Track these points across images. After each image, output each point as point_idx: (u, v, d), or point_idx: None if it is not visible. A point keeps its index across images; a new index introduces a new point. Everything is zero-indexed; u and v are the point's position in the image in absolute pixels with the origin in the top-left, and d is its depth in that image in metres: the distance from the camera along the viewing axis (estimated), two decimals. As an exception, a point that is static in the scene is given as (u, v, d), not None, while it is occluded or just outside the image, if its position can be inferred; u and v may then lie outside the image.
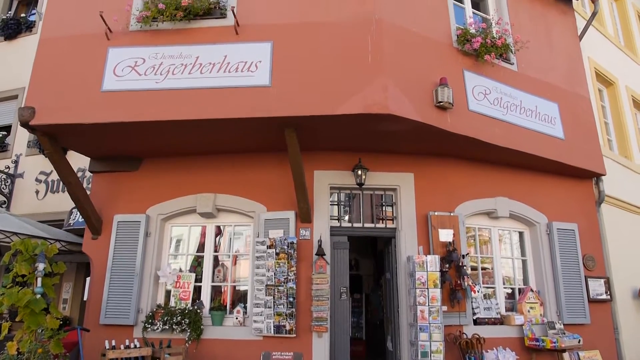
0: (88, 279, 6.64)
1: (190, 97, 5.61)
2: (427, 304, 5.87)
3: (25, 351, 5.12)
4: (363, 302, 10.42)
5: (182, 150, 6.67)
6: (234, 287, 6.66)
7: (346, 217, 6.79)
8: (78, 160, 7.83)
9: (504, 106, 6.70)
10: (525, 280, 7.21)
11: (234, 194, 6.61)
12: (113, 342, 5.77)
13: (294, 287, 5.99)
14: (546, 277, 6.98)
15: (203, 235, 6.87)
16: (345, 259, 6.47)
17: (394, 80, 5.57)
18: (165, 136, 6.14)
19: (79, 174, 8.31)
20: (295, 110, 5.46)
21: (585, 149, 7.50)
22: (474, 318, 6.46)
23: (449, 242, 6.41)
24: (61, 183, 8.69)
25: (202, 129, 5.86)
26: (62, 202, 8.64)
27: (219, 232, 6.93)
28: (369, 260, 10.73)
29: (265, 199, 6.53)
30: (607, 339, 7.07)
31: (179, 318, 6.05)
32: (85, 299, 6.62)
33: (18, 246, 5.40)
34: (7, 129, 10.06)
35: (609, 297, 7.27)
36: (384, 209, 6.80)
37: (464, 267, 6.34)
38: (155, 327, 6.10)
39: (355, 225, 6.73)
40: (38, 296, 5.24)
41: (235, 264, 6.80)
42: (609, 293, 7.28)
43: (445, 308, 6.06)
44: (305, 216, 6.30)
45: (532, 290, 6.88)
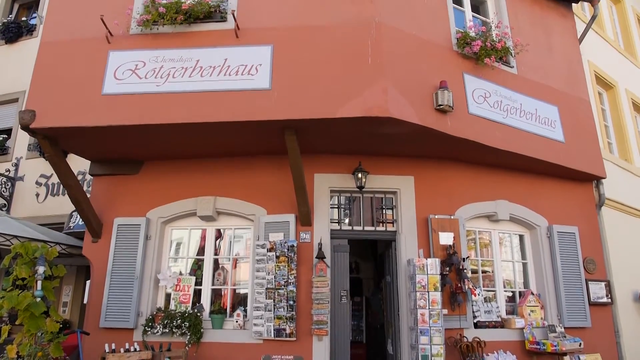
0: (88, 282, 6.64)
1: (190, 100, 5.62)
2: (427, 307, 5.86)
3: (25, 354, 5.12)
4: (363, 305, 10.39)
5: (182, 154, 6.68)
6: (234, 290, 6.65)
7: (346, 220, 6.79)
8: (78, 163, 7.83)
9: (504, 109, 6.71)
10: (526, 284, 7.20)
11: (234, 197, 6.62)
12: (113, 346, 5.78)
13: (294, 290, 5.99)
14: (547, 280, 6.98)
15: (203, 238, 6.87)
16: (345, 262, 6.47)
17: (394, 84, 5.58)
18: (166, 139, 6.15)
19: (79, 177, 8.31)
20: (296, 113, 5.47)
21: (586, 152, 7.51)
22: (475, 321, 6.45)
23: (450, 245, 6.41)
24: (61, 186, 8.70)
25: (202, 132, 5.87)
26: (62, 205, 8.66)
27: (219, 235, 6.93)
28: (369, 263, 10.72)
29: (266, 202, 6.54)
30: (608, 342, 7.05)
31: (179, 321, 6.05)
32: (85, 302, 6.61)
33: (18, 249, 5.40)
34: (8, 132, 10.09)
35: (609, 300, 7.26)
36: (384, 212, 6.80)
37: (465, 270, 6.33)
38: (155, 331, 6.10)
39: (355, 228, 6.73)
40: (38, 299, 5.24)
41: (235, 267, 6.79)
42: (609, 296, 7.27)
43: (445, 311, 6.05)
44: (305, 219, 6.30)
45: (532, 293, 6.87)
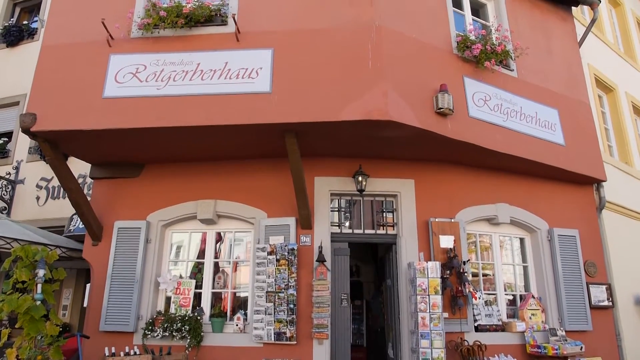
0: (88, 286, 6.63)
1: (191, 104, 5.63)
2: (428, 311, 5.85)
3: (24, 358, 5.10)
4: (364, 308, 10.39)
5: (183, 157, 6.68)
6: (234, 293, 6.64)
7: (347, 224, 6.79)
8: (79, 167, 7.82)
9: (504, 112, 6.72)
10: (527, 287, 7.19)
11: (235, 200, 6.61)
12: (113, 349, 5.77)
13: (295, 293, 5.98)
14: (547, 284, 6.96)
15: (203, 241, 6.86)
16: (345, 265, 6.46)
17: (394, 87, 5.59)
18: (166, 142, 6.15)
19: (80, 180, 8.31)
20: (296, 116, 5.48)
21: (586, 155, 7.50)
22: (476, 325, 6.43)
23: (450, 249, 6.40)
24: (62, 189, 8.71)
25: (203, 136, 5.87)
26: (62, 209, 8.66)
27: (219, 238, 6.92)
28: (370, 267, 10.71)
29: (266, 205, 6.54)
30: (610, 346, 7.03)
31: (179, 325, 6.04)
32: (85, 305, 6.60)
33: (18, 252, 5.39)
34: (9, 135, 10.09)
35: (610, 303, 7.24)
36: (384, 215, 6.79)
37: (465, 274, 6.32)
38: (155, 334, 6.08)
39: (355, 231, 6.72)
40: (38, 303, 5.23)
41: (235, 270, 6.78)
42: (610, 299, 7.25)
43: (446, 315, 6.04)
44: (305, 222, 6.30)
45: (533, 296, 6.85)
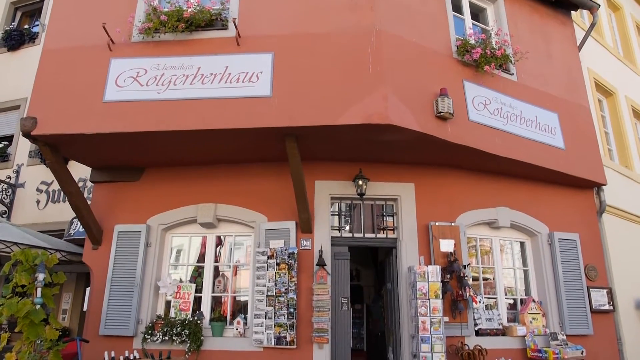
0: (88, 289, 6.62)
1: (191, 108, 5.64)
2: (428, 315, 5.84)
3: (23, 362, 5.09)
4: (364, 312, 10.37)
5: (183, 161, 6.68)
6: (234, 297, 6.63)
7: (347, 227, 6.78)
8: (79, 170, 7.84)
9: (504, 116, 6.72)
10: (527, 291, 7.17)
11: (235, 204, 6.61)
12: (112, 353, 5.76)
13: (295, 297, 5.97)
14: (548, 288, 6.95)
15: (203, 245, 6.86)
16: (346, 269, 6.45)
17: (394, 91, 5.60)
18: (167, 146, 6.16)
19: (80, 184, 8.31)
20: (296, 120, 5.49)
21: (586, 159, 7.51)
22: (476, 329, 6.42)
23: (450, 253, 6.39)
24: (62, 193, 8.71)
25: (203, 139, 5.88)
26: (62, 212, 8.66)
27: (219, 242, 6.92)
28: (370, 271, 10.70)
29: (266, 209, 6.53)
30: (611, 351, 7.01)
31: (178, 329, 6.02)
32: (85, 309, 6.59)
33: (18, 256, 5.38)
34: (9, 139, 10.11)
35: (611, 307, 7.23)
36: (384, 219, 6.79)
37: (466, 278, 6.31)
38: (155, 338, 6.07)
39: (356, 235, 6.71)
40: (37, 307, 5.21)
41: (235, 274, 6.77)
42: (611, 304, 7.24)
43: (446, 319, 6.02)
44: (306, 226, 6.29)
45: (534, 300, 6.84)
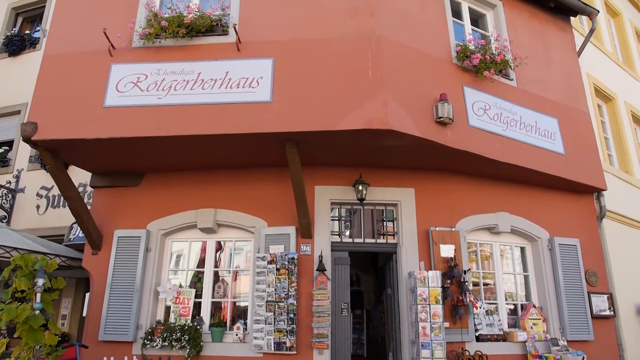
0: (87, 295, 6.60)
1: (192, 113, 5.65)
2: (428, 320, 5.82)
3: (23, 368, 5.06)
4: (364, 318, 10.34)
5: (183, 166, 6.69)
6: (234, 303, 6.61)
7: (347, 233, 6.78)
8: (79, 175, 7.84)
9: (504, 121, 6.73)
10: (528, 296, 7.15)
11: (235, 209, 6.61)
12: (112, 359, 5.72)
13: (295, 303, 5.95)
14: (549, 293, 6.93)
15: (203, 250, 6.84)
16: (346, 274, 6.44)
17: (394, 96, 5.61)
18: (167, 151, 6.16)
19: (80, 189, 8.32)
20: (296, 125, 5.49)
21: (586, 164, 7.51)
22: (477, 334, 6.40)
23: (451, 258, 6.38)
24: (62, 198, 8.71)
25: (203, 145, 5.88)
26: (62, 217, 8.65)
27: (219, 247, 6.91)
28: (370, 276, 10.67)
29: (266, 214, 6.53)
30: (611, 356, 6.98)
31: (178, 334, 6.00)
32: (84, 314, 6.57)
33: (18, 261, 5.37)
34: (10, 144, 10.12)
35: (612, 313, 7.20)
36: (384, 224, 6.78)
37: (466, 283, 6.29)
38: (155, 344, 6.04)
39: (356, 240, 6.71)
40: (37, 312, 5.20)
41: (235, 279, 6.76)
42: (612, 309, 7.22)
43: (447, 324, 6.01)
44: (306, 231, 6.29)
45: (534, 306, 6.82)
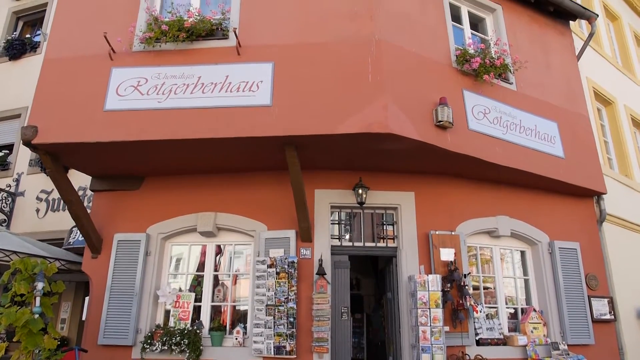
0: (87, 299, 6.59)
1: (192, 117, 5.66)
2: (429, 324, 5.81)
3: (21, 372, 5.06)
4: (364, 322, 10.31)
5: (183, 170, 6.69)
6: (233, 307, 6.60)
7: (347, 236, 6.77)
8: (79, 179, 7.84)
9: (504, 125, 6.74)
10: (528, 300, 7.14)
11: (235, 212, 6.60)
12: (111, 363, 5.72)
13: (295, 307, 5.94)
14: (549, 297, 6.92)
15: (203, 254, 6.84)
16: (346, 278, 6.43)
17: (394, 100, 5.62)
18: (167, 155, 6.17)
19: (80, 193, 8.31)
20: (296, 129, 5.50)
21: (586, 168, 7.52)
22: (477, 338, 6.39)
23: (451, 262, 6.38)
24: (62, 202, 8.70)
25: (203, 148, 5.89)
26: (62, 221, 8.64)
27: (219, 251, 6.90)
28: (370, 280, 10.65)
29: (266, 218, 6.52)
30: (612, 360, 6.98)
31: (178, 338, 5.98)
32: (83, 318, 6.55)
33: (17, 265, 5.37)
34: (10, 147, 10.13)
35: (612, 317, 7.19)
36: (384, 228, 6.78)
37: (466, 287, 6.28)
38: (154, 348, 6.03)
39: (356, 244, 6.70)
40: (36, 316, 5.19)
41: (235, 283, 6.75)
42: (612, 313, 7.20)
43: (447, 328, 6.00)
44: (305, 235, 6.28)
45: (535, 310, 6.80)
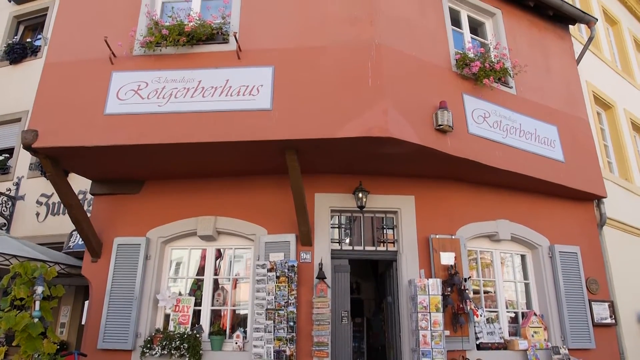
0: (86, 303, 6.58)
1: (192, 121, 5.66)
2: (429, 329, 5.80)
3: (21, 377, 5.04)
4: (364, 326, 10.28)
5: (183, 173, 6.69)
6: (233, 311, 6.58)
7: (347, 240, 6.76)
8: (79, 183, 7.84)
9: (504, 129, 6.75)
10: (529, 304, 7.12)
11: (235, 216, 6.60)
12: (110, 368, 5.70)
13: (295, 311, 5.92)
14: (549, 301, 6.91)
15: (203, 258, 6.83)
16: (346, 282, 6.42)
17: (394, 104, 5.63)
18: (167, 159, 6.17)
19: (80, 197, 8.31)
20: (296, 133, 5.51)
21: (586, 171, 7.52)
22: (477, 343, 6.37)
23: (451, 265, 6.37)
24: (62, 205, 8.71)
25: (203, 152, 5.89)
26: (62, 225, 8.64)
27: (219, 255, 6.89)
28: (370, 284, 10.63)
29: (266, 222, 6.52)
30: (613, 365, 6.96)
31: (177, 343, 5.97)
32: (83, 322, 6.54)
33: (17, 269, 5.37)
34: (10, 151, 10.14)
35: (613, 321, 7.17)
36: (384, 232, 6.77)
37: (466, 291, 6.27)
38: (154, 352, 6.01)
39: (356, 248, 6.70)
40: (36, 320, 5.18)
41: (235, 287, 6.73)
42: (613, 317, 7.19)
43: (447, 332, 5.98)
44: (306, 239, 6.28)
45: (535, 314, 6.79)
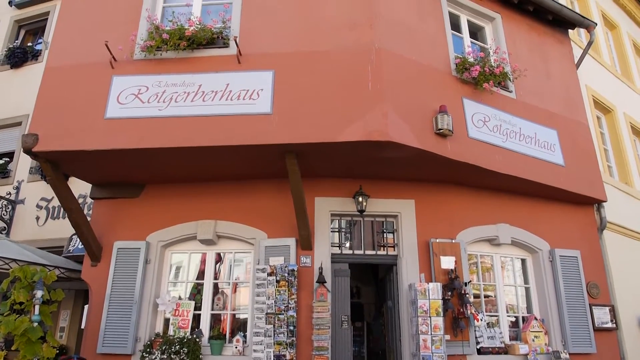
0: (86, 307, 6.57)
1: (192, 125, 5.67)
2: (429, 333, 5.78)
3: (20, 381, 5.03)
4: (365, 330, 10.25)
5: (183, 177, 6.69)
6: (233, 315, 6.57)
7: (347, 244, 6.76)
8: (79, 187, 7.85)
9: (504, 133, 6.76)
10: (529, 309, 7.10)
11: (235, 220, 6.60)
12: (110, 372, 5.69)
13: (295, 315, 5.91)
14: (550, 305, 6.89)
15: (203, 262, 6.82)
16: (346, 286, 6.41)
17: (394, 108, 5.64)
18: (167, 163, 6.18)
19: (80, 201, 8.31)
20: (297, 137, 5.52)
21: (586, 176, 7.52)
22: (478, 347, 6.35)
23: (451, 270, 6.36)
24: (62, 209, 8.70)
25: (204, 156, 5.90)
26: (62, 229, 8.64)
27: (219, 259, 6.88)
28: (371, 288, 10.61)
29: (266, 226, 6.52)
30: (614, 369, 6.93)
31: (177, 347, 5.95)
32: (82, 327, 6.53)
33: (17, 273, 5.37)
34: (10, 155, 10.15)
35: (614, 325, 7.16)
36: (385, 236, 6.77)
37: (467, 295, 6.26)
38: (154, 357, 5.98)
39: (356, 252, 6.69)
40: (35, 324, 5.17)
41: (235, 291, 6.72)
42: (614, 321, 7.17)
43: (448, 337, 5.97)
44: (306, 243, 6.27)
45: (536, 318, 6.77)
